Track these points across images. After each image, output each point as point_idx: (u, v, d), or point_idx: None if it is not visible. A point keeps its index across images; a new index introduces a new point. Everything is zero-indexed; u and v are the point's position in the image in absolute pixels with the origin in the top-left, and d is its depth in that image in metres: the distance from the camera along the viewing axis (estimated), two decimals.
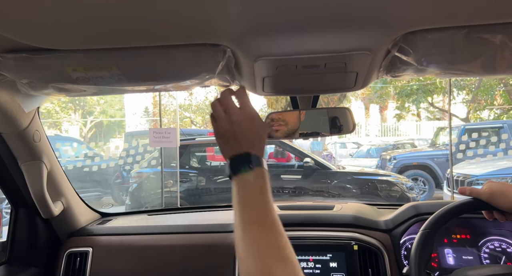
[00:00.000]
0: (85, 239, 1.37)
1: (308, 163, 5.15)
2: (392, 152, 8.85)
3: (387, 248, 1.22)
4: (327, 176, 5.21)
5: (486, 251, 1.23)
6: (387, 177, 5.39)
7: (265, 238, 0.62)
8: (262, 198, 0.68)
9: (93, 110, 16.79)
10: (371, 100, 16.38)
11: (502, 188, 0.89)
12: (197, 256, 1.31)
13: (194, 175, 5.58)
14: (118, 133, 18.43)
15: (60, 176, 1.30)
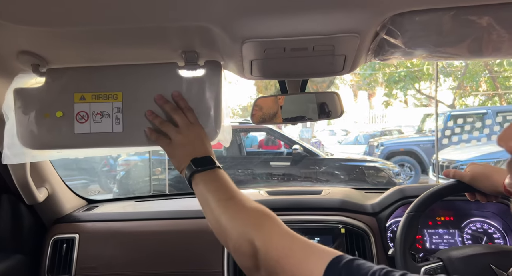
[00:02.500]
0: (71, 225, 1.36)
1: (297, 150, 5.18)
2: (379, 139, 8.96)
3: (373, 231, 1.24)
4: (316, 162, 5.26)
5: (468, 232, 1.26)
6: (374, 163, 5.47)
7: (245, 204, 0.69)
8: (230, 182, 0.76)
9: None
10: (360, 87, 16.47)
11: (483, 170, 0.92)
12: (186, 242, 1.31)
13: None
14: None
15: (44, 162, 1.28)
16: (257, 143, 6.74)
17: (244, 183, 5.00)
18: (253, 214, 0.67)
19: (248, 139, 6.64)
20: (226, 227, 0.67)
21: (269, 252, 0.59)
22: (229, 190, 0.73)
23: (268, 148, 6.37)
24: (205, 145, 0.82)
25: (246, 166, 5.33)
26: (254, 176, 5.20)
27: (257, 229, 0.63)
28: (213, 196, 0.72)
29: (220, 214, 0.69)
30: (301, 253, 0.56)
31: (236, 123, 6.44)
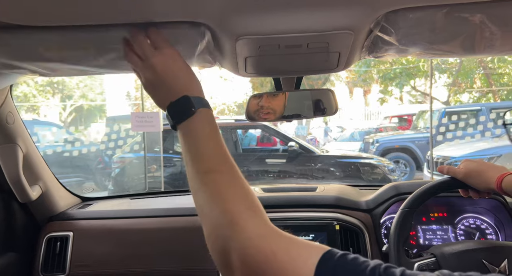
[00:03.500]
0: (65, 223, 1.35)
1: (293, 147, 5.19)
2: (375, 136, 8.98)
3: (367, 227, 1.25)
4: (311, 159, 5.28)
5: (461, 228, 1.27)
6: (369, 160, 5.49)
7: (227, 185, 0.56)
8: (214, 143, 0.61)
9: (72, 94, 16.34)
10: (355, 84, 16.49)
11: (477, 167, 0.92)
12: (180, 239, 1.31)
13: (178, 160, 5.55)
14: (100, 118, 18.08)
15: (37, 160, 1.27)
16: (255, 142, 6.74)
17: None
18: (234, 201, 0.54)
19: (247, 138, 6.64)
20: (202, 210, 0.56)
21: (247, 255, 0.49)
22: (211, 157, 0.58)
23: (263, 145, 6.37)
24: (179, 77, 0.63)
25: (241, 163, 5.33)
26: (249, 173, 5.21)
27: (234, 225, 0.52)
28: (191, 163, 0.59)
29: (197, 190, 0.57)
30: (285, 255, 0.48)
31: (232, 120, 6.44)
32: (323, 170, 5.20)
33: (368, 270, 0.42)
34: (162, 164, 5.12)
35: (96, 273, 1.28)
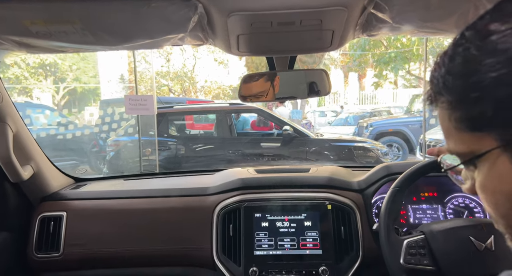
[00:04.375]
0: (59, 203, 1.35)
1: (287, 130, 5.18)
2: (369, 120, 9.02)
3: (359, 207, 1.27)
4: (306, 143, 5.28)
5: (451, 207, 1.29)
6: (363, 143, 5.52)
7: None
8: None
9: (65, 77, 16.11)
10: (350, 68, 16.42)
11: None
12: (174, 219, 1.32)
13: (173, 144, 5.53)
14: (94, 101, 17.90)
15: (28, 140, 1.26)
16: (249, 126, 6.72)
17: (234, 163, 5.02)
18: None
19: (239, 122, 6.62)
20: None
21: None
22: None
23: (259, 129, 6.37)
24: None
25: (236, 147, 5.34)
26: (244, 157, 5.22)
27: None
28: None
29: None
30: None
31: (226, 104, 6.41)
32: (317, 153, 5.22)
33: None
34: (156, 147, 5.11)
35: (91, 252, 1.29)
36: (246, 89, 1.11)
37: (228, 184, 1.36)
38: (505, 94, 0.38)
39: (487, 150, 0.42)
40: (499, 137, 0.40)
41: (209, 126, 7.40)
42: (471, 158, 0.44)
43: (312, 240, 1.22)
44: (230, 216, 1.27)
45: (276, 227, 1.25)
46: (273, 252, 1.22)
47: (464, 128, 0.43)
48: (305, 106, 15.90)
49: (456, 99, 0.43)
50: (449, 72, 0.43)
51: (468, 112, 0.42)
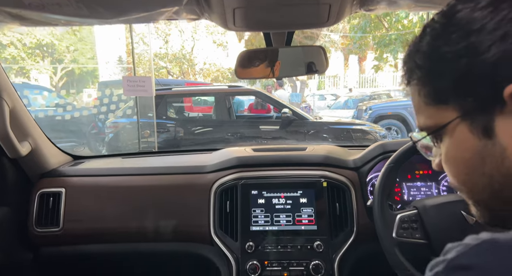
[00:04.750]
0: (57, 180, 1.36)
1: (286, 113, 5.17)
2: (368, 103, 8.99)
3: (354, 184, 1.28)
4: (304, 126, 5.29)
5: (444, 184, 1.31)
6: (361, 126, 5.53)
7: None
8: None
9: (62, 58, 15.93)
10: (350, 50, 16.26)
11: None
12: (173, 196, 1.34)
13: (172, 126, 5.54)
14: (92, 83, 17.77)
15: (25, 116, 1.26)
16: (243, 108, 6.70)
17: (233, 144, 5.03)
18: None
19: (234, 104, 6.61)
20: None
21: None
22: None
23: (257, 112, 6.35)
24: None
25: (235, 129, 5.34)
26: (243, 139, 5.23)
27: None
28: None
29: None
30: None
31: (225, 86, 6.37)
32: (316, 136, 5.23)
33: None
34: (155, 129, 5.11)
35: (90, 227, 1.31)
36: (242, 65, 1.10)
37: (226, 162, 1.37)
38: (464, 65, 0.42)
39: (449, 121, 0.45)
40: (459, 108, 0.44)
41: (208, 108, 7.39)
42: (436, 129, 0.48)
43: (307, 216, 1.24)
44: (227, 193, 1.29)
45: (272, 203, 1.26)
46: (269, 227, 1.24)
47: (431, 102, 0.47)
48: (305, 89, 15.83)
49: (425, 75, 0.47)
50: (419, 50, 0.47)
51: (434, 86, 0.46)
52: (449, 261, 0.38)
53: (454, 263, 0.37)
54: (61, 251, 1.34)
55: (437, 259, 0.40)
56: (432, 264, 0.40)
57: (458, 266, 0.37)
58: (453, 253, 0.38)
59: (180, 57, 17.35)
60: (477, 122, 0.43)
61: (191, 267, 1.54)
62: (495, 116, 0.41)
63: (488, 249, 0.36)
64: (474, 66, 0.41)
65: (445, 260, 0.38)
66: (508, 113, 0.40)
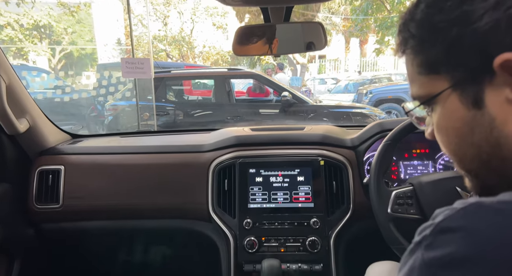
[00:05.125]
0: (56, 157, 1.37)
1: (286, 97, 5.15)
2: (368, 87, 8.94)
3: (351, 163, 1.29)
4: (304, 109, 5.27)
5: (441, 163, 1.32)
6: (361, 110, 5.52)
7: None
8: None
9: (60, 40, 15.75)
10: (352, 33, 16.05)
11: None
12: (171, 174, 1.34)
13: (171, 109, 5.52)
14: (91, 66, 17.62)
15: (22, 93, 1.25)
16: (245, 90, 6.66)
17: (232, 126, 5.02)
18: None
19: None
20: None
21: None
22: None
23: (255, 95, 6.32)
24: None
25: (234, 113, 5.33)
26: (242, 123, 5.22)
27: None
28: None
29: None
30: None
31: (225, 69, 6.32)
32: (316, 119, 5.22)
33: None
34: (154, 112, 5.10)
35: (90, 204, 1.32)
36: (240, 41, 1.09)
37: (224, 141, 1.37)
38: (456, 35, 0.42)
39: (441, 91, 0.45)
40: (450, 78, 0.44)
41: (207, 92, 7.34)
42: (428, 99, 0.48)
43: (304, 194, 1.26)
44: (225, 171, 1.29)
45: (270, 182, 1.27)
46: (266, 205, 1.25)
47: (423, 72, 0.47)
48: (305, 73, 15.70)
49: (418, 44, 0.47)
50: (413, 18, 0.47)
51: (427, 56, 0.46)
52: (436, 224, 0.38)
53: (441, 226, 0.38)
54: (62, 228, 1.36)
55: (425, 224, 0.40)
56: (421, 228, 0.41)
57: (445, 228, 0.37)
58: (441, 216, 0.39)
59: (179, 40, 17.15)
60: (467, 92, 0.43)
61: (190, 243, 1.56)
62: (484, 87, 0.41)
63: (474, 211, 0.37)
64: (465, 35, 0.41)
65: (433, 224, 0.39)
66: (497, 84, 0.41)
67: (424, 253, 0.38)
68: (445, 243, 0.36)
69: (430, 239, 0.38)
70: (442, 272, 0.35)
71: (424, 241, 0.38)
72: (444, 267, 0.35)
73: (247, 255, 1.20)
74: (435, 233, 0.38)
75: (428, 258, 0.37)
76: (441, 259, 0.36)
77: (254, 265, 1.19)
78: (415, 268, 0.38)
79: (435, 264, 0.36)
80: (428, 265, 0.37)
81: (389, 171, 1.33)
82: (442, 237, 0.37)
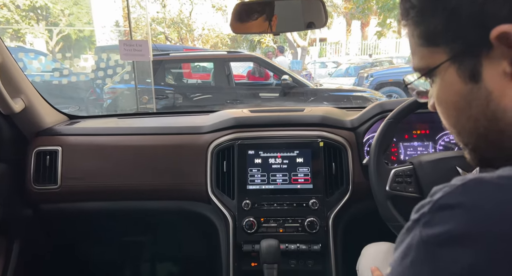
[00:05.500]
0: (53, 138, 1.36)
1: (286, 80, 5.11)
2: (369, 70, 8.86)
3: (351, 144, 1.28)
4: (304, 93, 5.24)
5: (441, 143, 1.31)
6: (362, 93, 5.49)
7: None
8: None
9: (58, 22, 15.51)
10: (353, 15, 15.80)
11: None
12: (169, 156, 1.34)
13: (171, 92, 5.49)
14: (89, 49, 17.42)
15: (16, 71, 1.22)
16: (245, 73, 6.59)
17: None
18: None
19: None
20: None
21: None
22: None
23: (254, 79, 6.26)
24: None
25: (234, 97, 5.30)
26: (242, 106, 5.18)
27: None
28: None
29: None
30: None
31: (224, 52, 6.25)
32: (316, 103, 5.20)
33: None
34: (153, 95, 5.06)
35: (88, 185, 1.32)
36: (238, 18, 1.06)
37: (222, 122, 1.36)
38: (455, 5, 0.41)
39: (439, 63, 0.45)
40: (449, 50, 0.44)
41: (207, 76, 7.28)
42: (427, 71, 0.48)
43: (303, 176, 1.25)
44: (224, 153, 1.29)
45: (269, 163, 1.27)
46: (265, 186, 1.25)
47: (423, 43, 0.47)
48: (305, 56, 15.53)
49: (418, 14, 0.46)
50: None
51: (427, 27, 0.46)
52: (435, 201, 0.38)
53: (440, 203, 0.37)
54: (61, 208, 1.37)
55: (423, 201, 0.40)
56: (418, 206, 0.40)
57: (444, 205, 0.36)
58: (439, 193, 0.38)
59: (178, 22, 16.90)
60: (465, 65, 0.43)
61: (189, 225, 1.57)
62: (482, 60, 0.41)
63: (473, 187, 0.36)
64: (464, 5, 0.41)
65: (431, 201, 0.38)
66: (494, 57, 0.40)
67: (422, 231, 0.37)
68: (444, 220, 0.36)
69: (429, 216, 0.37)
70: (440, 249, 0.35)
71: (422, 218, 0.38)
72: (443, 245, 0.35)
73: (246, 236, 1.21)
74: (434, 210, 0.37)
75: (426, 235, 0.36)
76: (439, 236, 0.35)
77: (253, 245, 1.20)
78: (413, 246, 0.37)
79: (434, 241, 0.36)
80: (426, 243, 0.36)
81: (389, 152, 1.32)
82: (440, 214, 0.36)
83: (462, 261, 0.33)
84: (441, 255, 0.34)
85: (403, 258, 0.38)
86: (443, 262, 0.34)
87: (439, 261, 0.35)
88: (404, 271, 0.38)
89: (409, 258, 0.37)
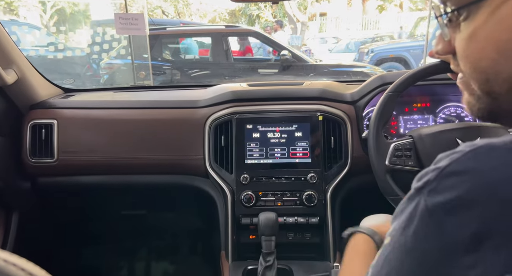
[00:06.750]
0: (48, 111, 1.34)
1: (285, 55, 5.03)
2: (370, 45, 8.72)
3: (350, 118, 1.26)
4: (304, 68, 5.18)
5: (442, 116, 1.30)
6: (362, 69, 5.42)
7: None
8: None
9: None
10: None
11: None
12: (166, 130, 1.32)
13: (168, 68, 5.41)
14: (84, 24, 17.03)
15: (6, 42, 1.18)
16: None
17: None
18: None
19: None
20: None
21: None
22: None
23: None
24: None
25: (233, 73, 5.23)
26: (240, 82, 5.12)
27: None
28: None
29: None
30: None
31: (222, 26, 6.12)
32: (316, 78, 5.15)
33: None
34: (150, 71, 4.99)
35: (84, 158, 1.31)
36: None
37: (220, 96, 1.34)
38: None
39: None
40: None
41: (205, 51, 7.15)
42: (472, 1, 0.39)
43: (302, 150, 1.24)
44: (222, 127, 1.27)
45: (267, 137, 1.26)
46: (263, 160, 1.25)
47: None
48: (305, 31, 15.24)
49: None
50: None
51: None
52: (441, 169, 0.36)
53: (447, 170, 0.35)
54: (58, 182, 1.36)
55: (426, 169, 0.38)
56: (421, 174, 0.38)
57: (453, 171, 0.35)
58: (446, 160, 0.36)
59: None
60: None
61: (188, 199, 1.58)
62: None
63: (484, 153, 0.34)
64: None
65: (437, 168, 0.36)
66: None
67: (427, 199, 0.35)
68: (452, 186, 0.34)
69: (435, 183, 0.35)
70: (447, 217, 0.33)
71: (427, 186, 0.36)
72: (450, 212, 0.33)
73: (244, 209, 1.21)
74: (441, 177, 0.35)
75: (432, 203, 0.35)
76: (447, 203, 0.34)
77: (251, 218, 1.20)
78: (415, 216, 0.36)
79: (440, 209, 0.34)
80: (431, 211, 0.35)
81: (389, 126, 1.30)
82: (448, 180, 0.35)
83: (471, 227, 0.32)
84: (448, 222, 0.33)
85: (405, 227, 0.37)
86: (450, 230, 0.33)
87: (446, 229, 0.33)
88: (406, 241, 0.37)
89: (412, 227, 0.36)
